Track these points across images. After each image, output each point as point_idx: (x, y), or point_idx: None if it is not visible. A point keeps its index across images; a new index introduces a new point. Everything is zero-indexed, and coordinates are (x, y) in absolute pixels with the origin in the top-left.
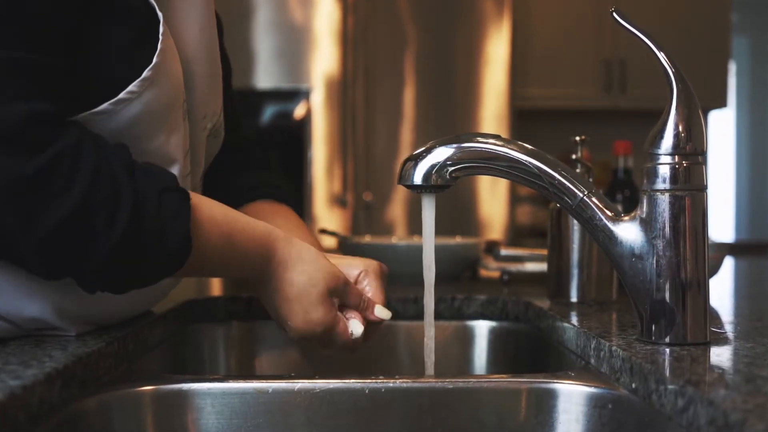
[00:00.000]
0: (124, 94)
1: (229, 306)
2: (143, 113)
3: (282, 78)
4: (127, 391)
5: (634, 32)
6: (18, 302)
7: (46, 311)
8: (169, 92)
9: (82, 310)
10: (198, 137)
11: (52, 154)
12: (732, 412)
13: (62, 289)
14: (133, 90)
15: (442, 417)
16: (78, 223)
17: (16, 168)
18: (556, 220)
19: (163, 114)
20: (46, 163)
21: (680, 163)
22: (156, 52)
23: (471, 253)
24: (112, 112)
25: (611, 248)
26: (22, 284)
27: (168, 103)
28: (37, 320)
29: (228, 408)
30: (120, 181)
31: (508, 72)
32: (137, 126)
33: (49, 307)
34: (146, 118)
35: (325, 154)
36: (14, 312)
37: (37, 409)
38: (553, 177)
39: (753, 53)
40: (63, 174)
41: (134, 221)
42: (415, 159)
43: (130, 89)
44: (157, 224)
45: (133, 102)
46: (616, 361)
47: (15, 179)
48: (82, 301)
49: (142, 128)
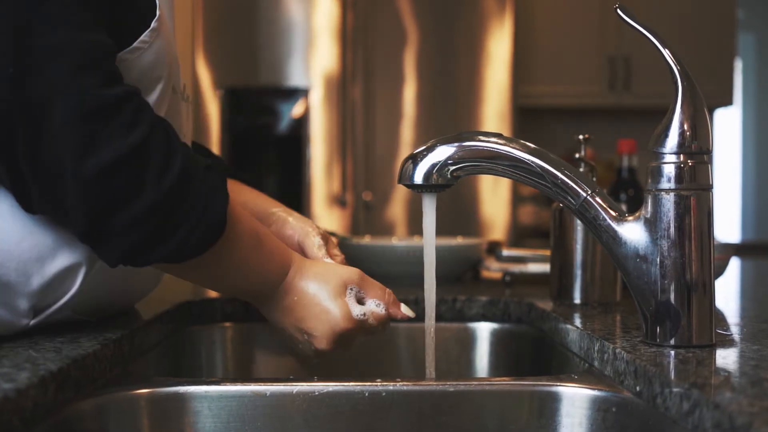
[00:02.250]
0: (139, 42)
1: (227, 308)
2: (153, 65)
3: (280, 76)
4: (123, 394)
5: (639, 29)
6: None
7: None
8: (168, 46)
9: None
10: (180, 109)
11: (123, 92)
12: (738, 416)
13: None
14: (145, 39)
15: (443, 421)
16: (132, 164)
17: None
18: (559, 221)
19: (165, 68)
20: (118, 97)
21: (685, 163)
22: (157, 5)
23: (473, 253)
24: (129, 62)
25: (615, 249)
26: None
27: (169, 59)
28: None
29: (225, 411)
30: (174, 141)
31: (510, 69)
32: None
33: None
34: (155, 72)
35: (324, 153)
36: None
37: (32, 412)
38: (556, 176)
39: (759, 50)
40: (130, 113)
41: (182, 180)
42: (415, 158)
43: (143, 38)
44: (202, 189)
45: (146, 51)
46: (620, 363)
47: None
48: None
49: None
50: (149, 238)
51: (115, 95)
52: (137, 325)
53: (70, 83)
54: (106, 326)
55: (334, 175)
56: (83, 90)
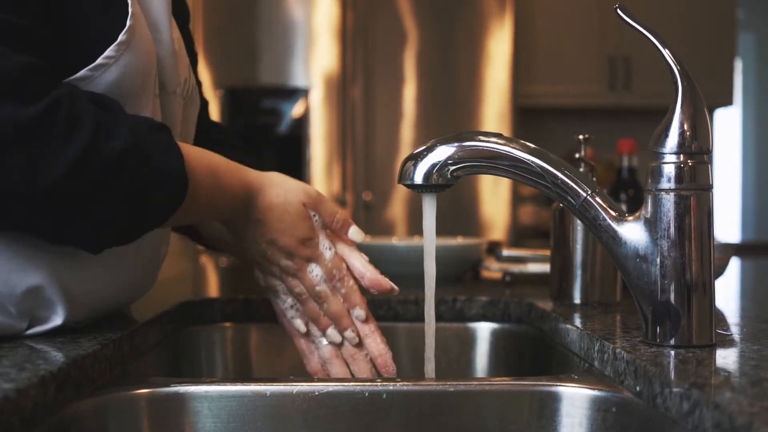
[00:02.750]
0: (102, 59)
1: (226, 308)
2: (120, 80)
3: (280, 76)
4: (123, 395)
5: (639, 29)
6: (13, 276)
7: (44, 280)
8: (143, 57)
9: (78, 284)
10: (173, 108)
11: (49, 102)
12: (738, 416)
13: (58, 259)
14: (110, 55)
15: (443, 421)
16: (85, 164)
17: (18, 114)
18: (559, 220)
19: (140, 79)
20: (44, 110)
21: (685, 162)
22: (128, 16)
23: (473, 253)
24: (91, 78)
25: (615, 249)
26: (17, 256)
27: (143, 70)
28: (33, 293)
29: (225, 411)
30: (121, 125)
31: (510, 69)
32: (115, 93)
33: (48, 277)
34: (124, 85)
35: (324, 153)
36: (7, 290)
37: (31, 412)
38: (556, 176)
39: (759, 50)
40: (65, 121)
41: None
42: (415, 158)
43: (108, 54)
44: (157, 159)
45: (111, 68)
46: (620, 363)
47: (19, 126)
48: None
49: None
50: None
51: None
52: (137, 326)
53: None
54: (106, 326)
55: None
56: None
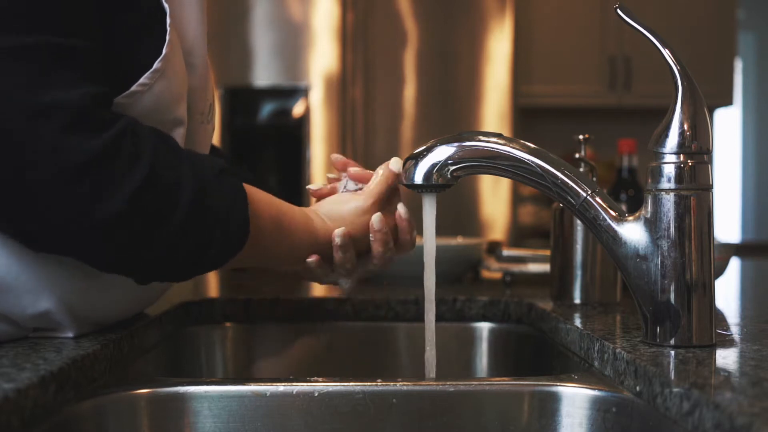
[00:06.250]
0: (137, 86)
1: (226, 308)
2: (152, 108)
3: (280, 76)
4: (123, 395)
5: (639, 29)
6: (25, 298)
7: (53, 305)
8: (176, 85)
9: (86, 306)
10: (197, 129)
11: (115, 133)
12: (738, 416)
13: (69, 284)
14: (144, 82)
15: (443, 421)
16: (145, 200)
17: (89, 144)
18: (560, 221)
19: (171, 107)
20: (111, 141)
21: (685, 162)
22: (165, 43)
23: (473, 253)
24: (125, 106)
25: (615, 249)
26: (30, 279)
27: (176, 97)
28: (42, 316)
29: (225, 411)
30: (181, 161)
31: (510, 69)
32: (147, 120)
33: (57, 302)
34: (156, 112)
35: (324, 153)
36: (18, 311)
37: (31, 412)
38: (556, 176)
39: (759, 50)
40: (128, 152)
41: (198, 200)
42: (415, 158)
43: (142, 81)
44: (219, 203)
45: (145, 94)
46: (620, 363)
47: (83, 159)
48: (87, 296)
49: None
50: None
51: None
52: (137, 326)
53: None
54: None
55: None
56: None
